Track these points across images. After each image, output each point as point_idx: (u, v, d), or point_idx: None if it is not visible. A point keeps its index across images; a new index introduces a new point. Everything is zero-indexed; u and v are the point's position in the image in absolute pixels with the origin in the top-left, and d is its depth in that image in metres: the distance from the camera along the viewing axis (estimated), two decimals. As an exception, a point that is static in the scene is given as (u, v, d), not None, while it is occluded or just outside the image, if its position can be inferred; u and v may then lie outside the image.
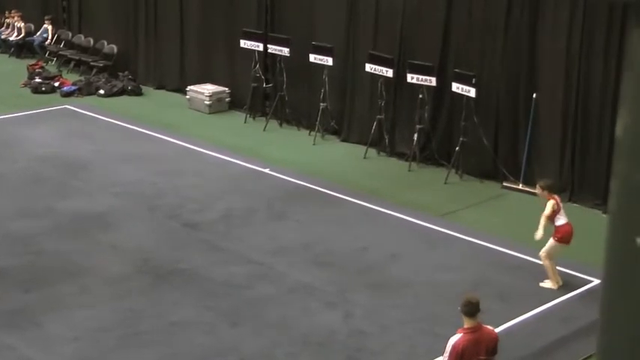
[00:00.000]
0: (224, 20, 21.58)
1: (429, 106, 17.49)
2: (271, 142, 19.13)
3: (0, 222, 14.37)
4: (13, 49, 26.94)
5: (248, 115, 20.68)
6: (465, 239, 14.08)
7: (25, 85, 23.31)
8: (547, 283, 12.46)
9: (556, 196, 12.44)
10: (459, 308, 8.73)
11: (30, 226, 14.23)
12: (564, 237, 12.25)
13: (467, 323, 8.66)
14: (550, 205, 12.19)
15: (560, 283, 12.48)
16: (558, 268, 12.66)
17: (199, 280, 12.50)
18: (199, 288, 12.26)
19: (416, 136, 17.45)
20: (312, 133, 19.31)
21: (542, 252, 12.33)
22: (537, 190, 12.52)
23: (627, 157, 3.01)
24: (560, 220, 12.28)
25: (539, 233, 12.10)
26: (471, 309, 8.62)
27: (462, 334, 8.61)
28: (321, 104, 19.08)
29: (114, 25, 24.64)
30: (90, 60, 24.58)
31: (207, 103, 21.28)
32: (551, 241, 12.28)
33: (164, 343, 10.82)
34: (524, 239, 13.70)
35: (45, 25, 26.52)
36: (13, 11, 27.42)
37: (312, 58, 19.05)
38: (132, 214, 14.93)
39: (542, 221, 12.16)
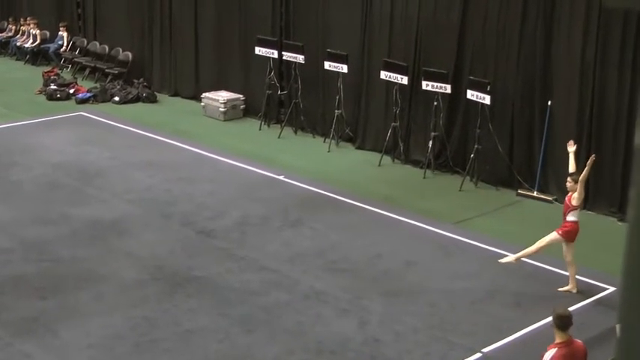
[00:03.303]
0: (239, 27, 21.64)
1: (444, 113, 17.49)
2: (286, 149, 19.15)
3: (16, 229, 14.42)
4: (28, 57, 27.09)
5: (263, 123, 20.71)
6: (479, 247, 14.06)
7: (41, 92, 23.41)
8: (510, 258, 12.48)
9: None
10: (550, 322, 8.54)
11: (45, 233, 14.28)
12: (571, 233, 12.24)
13: (559, 337, 8.43)
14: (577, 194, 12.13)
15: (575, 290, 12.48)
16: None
17: (214, 287, 12.51)
18: (214, 295, 12.27)
19: (431, 143, 17.45)
20: (327, 140, 19.32)
21: (568, 257, 12.34)
22: (570, 184, 12.33)
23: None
24: (575, 217, 12.28)
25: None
26: (565, 322, 8.42)
27: (556, 348, 8.36)
28: (336, 111, 19.09)
29: (129, 32, 24.73)
30: (105, 67, 24.69)
31: (222, 110, 21.32)
32: (554, 234, 12.32)
33: (179, 350, 10.82)
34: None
35: (60, 33, 26.65)
36: (28, 18, 27.58)
37: (327, 65, 19.08)
38: (146, 221, 14.96)
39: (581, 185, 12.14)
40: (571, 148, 12.87)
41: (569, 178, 12.43)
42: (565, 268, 12.68)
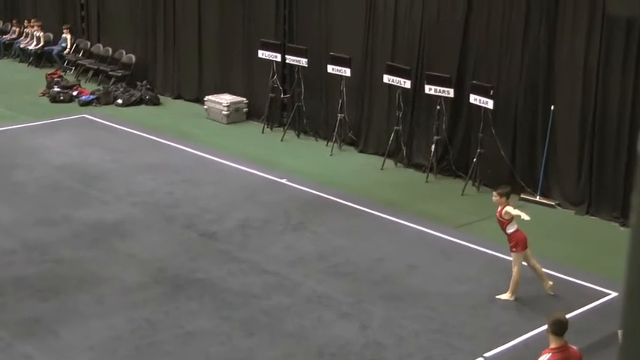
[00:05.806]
0: (242, 30, 21.65)
1: (447, 117, 17.48)
2: (288, 152, 19.15)
3: (18, 230, 14.43)
4: (31, 58, 27.12)
5: (265, 126, 20.72)
6: (481, 251, 14.05)
7: (44, 94, 23.44)
8: (505, 295, 12.39)
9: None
10: (546, 327, 8.50)
11: (47, 234, 14.28)
12: (519, 244, 12.18)
13: (555, 342, 8.37)
14: (510, 209, 12.11)
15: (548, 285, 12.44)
16: (576, 280, 12.64)
17: (215, 290, 12.51)
18: (215, 298, 12.26)
19: (433, 147, 17.44)
20: (330, 143, 19.32)
21: (529, 262, 12.33)
22: (495, 198, 12.32)
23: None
24: (514, 227, 12.22)
25: (525, 216, 12.01)
26: (561, 328, 8.36)
27: (550, 353, 8.31)
28: (339, 115, 19.10)
29: (132, 34, 24.76)
30: (108, 69, 24.71)
31: (225, 113, 21.33)
32: (513, 255, 12.25)
33: (180, 353, 10.82)
34: (539, 251, 13.65)
35: (64, 35, 26.68)
36: (32, 20, 27.63)
37: (330, 68, 19.08)
38: (149, 223, 14.96)
39: (518, 212, 12.09)
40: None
41: (495, 192, 12.41)
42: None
